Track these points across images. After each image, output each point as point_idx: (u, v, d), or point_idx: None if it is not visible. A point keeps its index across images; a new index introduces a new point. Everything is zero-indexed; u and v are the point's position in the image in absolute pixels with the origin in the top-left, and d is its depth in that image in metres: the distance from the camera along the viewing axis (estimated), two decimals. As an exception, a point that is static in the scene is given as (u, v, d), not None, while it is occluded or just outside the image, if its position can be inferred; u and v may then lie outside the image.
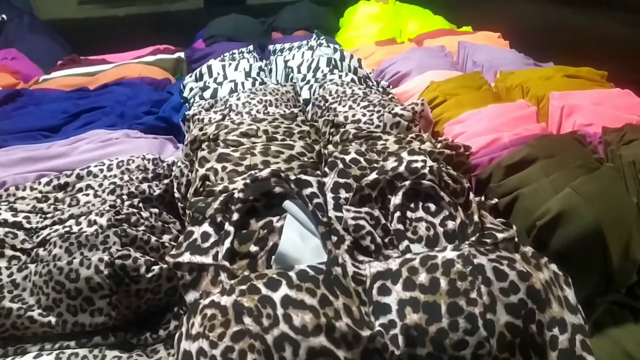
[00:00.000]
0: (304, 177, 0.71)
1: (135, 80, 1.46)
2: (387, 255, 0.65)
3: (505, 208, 0.81)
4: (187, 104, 1.28)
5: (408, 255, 0.63)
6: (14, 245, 0.82)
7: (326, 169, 0.77)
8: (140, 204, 0.88)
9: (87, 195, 0.92)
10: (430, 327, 0.56)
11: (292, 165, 0.81)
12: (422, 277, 0.59)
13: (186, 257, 0.65)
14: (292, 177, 0.72)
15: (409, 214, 0.71)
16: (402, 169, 0.74)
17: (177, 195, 0.91)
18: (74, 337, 0.76)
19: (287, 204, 0.69)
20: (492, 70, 1.38)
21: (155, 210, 0.90)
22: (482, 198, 0.79)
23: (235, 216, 0.67)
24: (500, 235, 0.67)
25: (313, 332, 0.54)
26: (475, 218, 0.69)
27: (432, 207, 0.72)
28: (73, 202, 0.91)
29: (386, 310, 0.59)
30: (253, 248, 0.64)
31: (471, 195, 0.72)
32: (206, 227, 0.68)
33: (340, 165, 0.77)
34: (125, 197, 0.88)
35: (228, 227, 0.66)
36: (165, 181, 0.94)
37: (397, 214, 0.69)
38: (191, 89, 1.32)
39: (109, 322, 0.76)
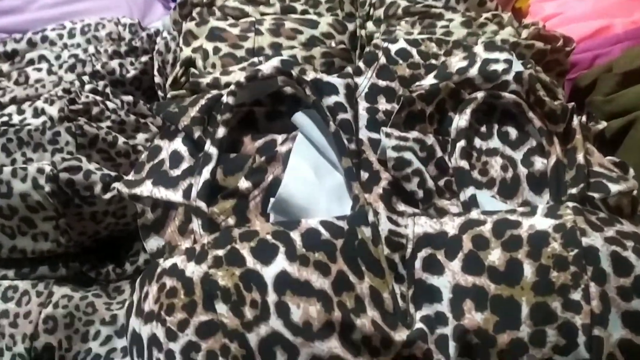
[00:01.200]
0: (326, 78, 0.50)
1: None
2: (441, 208, 0.47)
3: (614, 135, 0.60)
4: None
5: (474, 215, 0.44)
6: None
7: (361, 64, 0.56)
8: (108, 89, 0.69)
9: (40, 70, 0.72)
10: (500, 335, 0.39)
11: (312, 53, 0.60)
12: (495, 256, 0.40)
13: (146, 189, 0.47)
14: (309, 77, 0.51)
15: (477, 142, 0.51)
16: (474, 72, 0.52)
17: (157, 79, 0.71)
18: (13, 265, 0.62)
19: (299, 117, 0.49)
20: None
21: (129, 98, 0.70)
22: (583, 118, 0.58)
23: (221, 131, 0.48)
24: (614, 188, 0.47)
25: (321, 333, 0.38)
26: (579, 157, 0.48)
27: (514, 134, 0.52)
28: (20, 78, 0.72)
29: (434, 296, 0.41)
30: (244, 183, 0.46)
31: (575, 120, 0.51)
32: (178, 144, 0.49)
33: (383, 60, 0.55)
34: (87, 78, 0.69)
35: (210, 147, 0.47)
36: (144, 58, 0.73)
37: (462, 143, 0.49)
38: None
39: (57, 249, 0.61)
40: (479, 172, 0.50)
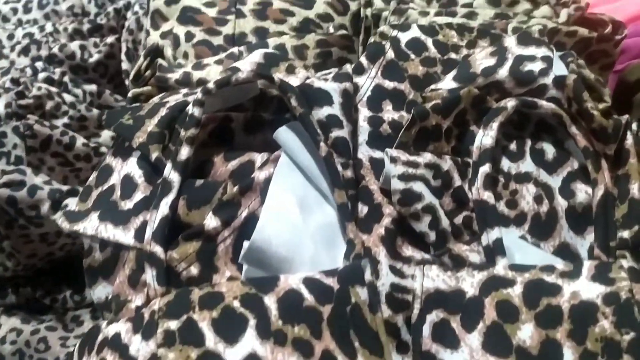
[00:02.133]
0: (317, 83, 0.42)
1: None
2: (458, 255, 0.38)
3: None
4: None
5: (500, 270, 0.36)
6: None
7: (363, 59, 0.47)
8: (66, 77, 0.61)
9: (-11, 53, 0.64)
10: None
11: (305, 42, 0.51)
12: (527, 333, 0.33)
13: (91, 225, 0.39)
14: (298, 77, 0.43)
15: (505, 163, 0.43)
16: (503, 72, 0.44)
17: (125, 65, 0.62)
18: (-46, 291, 0.55)
19: (283, 134, 0.41)
20: None
21: (92, 87, 0.62)
22: (634, 125, 0.49)
23: (184, 152, 0.40)
24: (677, 230, 0.39)
25: None
26: (634, 189, 0.40)
27: (551, 152, 0.43)
28: (-34, 63, 0.64)
29: (445, 376, 0.34)
30: (211, 221, 0.38)
31: (629, 139, 0.42)
32: (132, 166, 0.41)
33: (390, 54, 0.47)
34: (41, 64, 0.60)
35: (170, 172, 0.39)
36: (110, 39, 0.65)
37: (485, 167, 0.40)
38: None
39: (4, 273, 0.54)
40: (506, 204, 0.41)
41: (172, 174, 0.39)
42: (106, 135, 0.60)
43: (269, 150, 0.42)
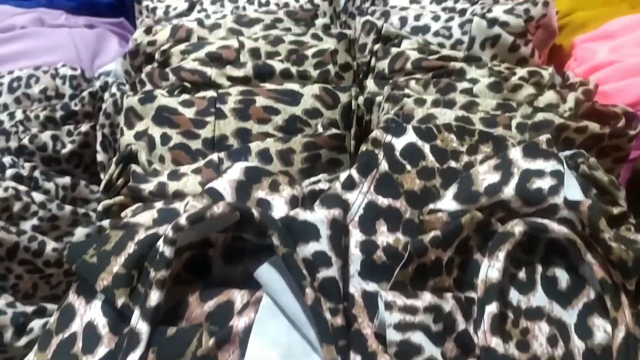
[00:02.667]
0: (301, 215, 0.38)
1: None
2: (464, 416, 0.34)
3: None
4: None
5: None
6: None
7: (354, 171, 0.43)
8: (36, 172, 0.57)
9: (-46, 145, 0.60)
10: None
11: (290, 146, 0.47)
12: None
13: (49, 385, 0.35)
14: (280, 201, 0.39)
15: (514, 296, 0.39)
16: (509, 191, 0.40)
17: (100, 156, 0.59)
18: None
19: (265, 273, 0.37)
20: None
21: (65, 180, 0.59)
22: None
23: (154, 297, 0.36)
24: None
25: None
26: (659, 330, 0.36)
27: (564, 280, 0.39)
28: None
29: None
30: (184, 380, 0.34)
31: (651, 267, 0.38)
32: (96, 312, 0.37)
33: (384, 166, 0.43)
34: (9, 159, 0.57)
35: (138, 321, 0.35)
36: (85, 127, 0.61)
37: (492, 307, 0.37)
38: None
39: (-33, 399, 0.49)
40: (516, 346, 0.37)
41: (140, 324, 0.35)
42: (80, 233, 0.57)
43: (250, 282, 0.38)
